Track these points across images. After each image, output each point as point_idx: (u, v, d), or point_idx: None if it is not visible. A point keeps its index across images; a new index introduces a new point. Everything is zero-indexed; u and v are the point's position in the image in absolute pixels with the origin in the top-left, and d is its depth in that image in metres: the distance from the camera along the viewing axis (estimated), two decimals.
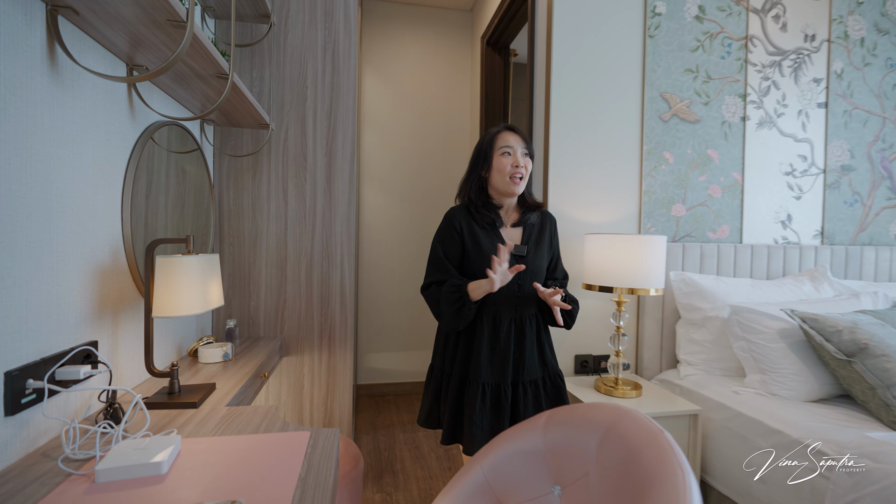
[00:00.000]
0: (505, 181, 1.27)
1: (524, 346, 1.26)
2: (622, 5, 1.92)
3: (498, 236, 1.30)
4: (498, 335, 1.25)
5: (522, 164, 1.27)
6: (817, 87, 2.13)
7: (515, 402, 1.24)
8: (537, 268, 1.29)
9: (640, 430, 0.61)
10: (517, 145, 1.28)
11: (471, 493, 0.85)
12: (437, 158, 3.25)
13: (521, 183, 1.28)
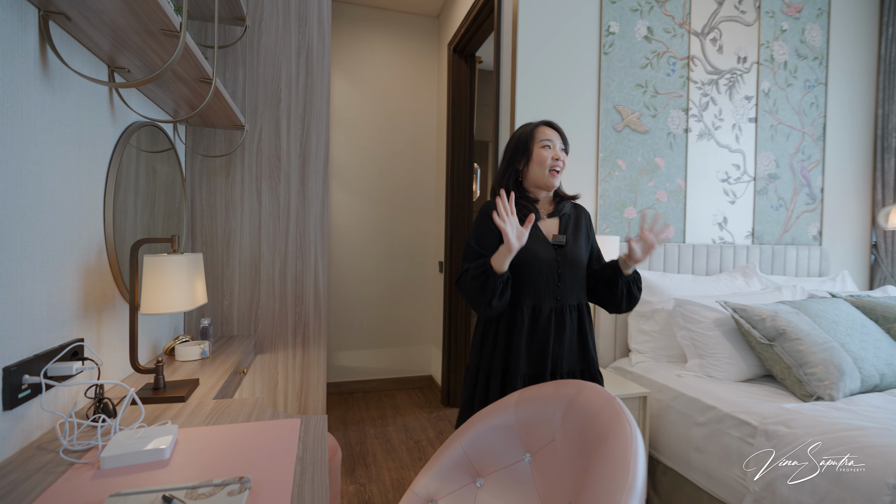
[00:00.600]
0: (544, 174, 1.26)
1: (563, 337, 1.23)
2: (581, 24, 2.08)
3: (535, 227, 1.28)
4: (537, 325, 1.21)
5: (561, 157, 1.27)
6: (748, 104, 2.39)
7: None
8: (577, 257, 1.27)
9: (598, 397, 0.73)
10: (556, 139, 1.28)
11: (451, 466, 0.95)
12: (404, 159, 3.33)
13: (558, 176, 1.28)
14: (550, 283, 1.22)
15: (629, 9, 2.13)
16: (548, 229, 1.29)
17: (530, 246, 1.21)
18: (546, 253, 1.23)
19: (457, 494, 0.92)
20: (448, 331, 3.02)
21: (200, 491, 0.69)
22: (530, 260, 1.21)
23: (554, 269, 1.23)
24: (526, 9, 2.00)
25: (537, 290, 1.22)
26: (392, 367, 3.36)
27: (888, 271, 2.58)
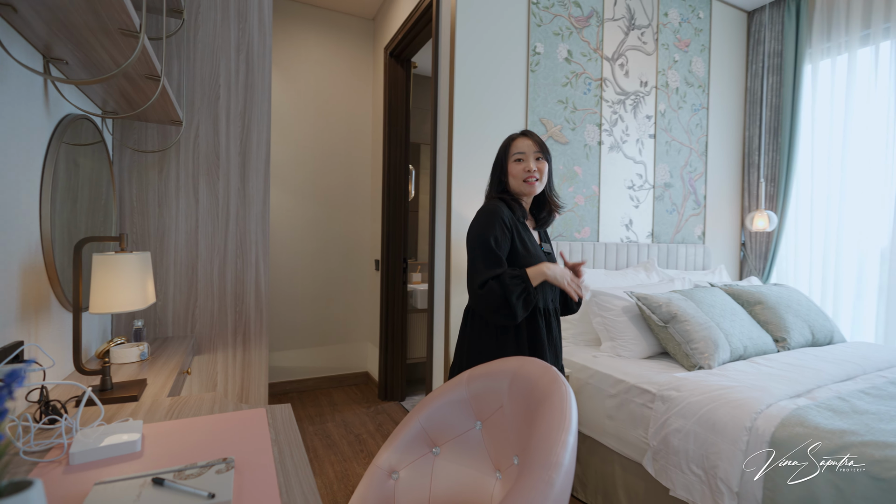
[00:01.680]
0: (520, 184, 1.36)
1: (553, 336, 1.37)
2: (512, 42, 2.28)
3: (529, 233, 1.39)
4: (550, 327, 1.34)
5: (535, 168, 1.34)
6: (649, 122, 2.77)
7: None
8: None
9: (538, 367, 0.90)
10: (529, 150, 1.35)
11: (410, 440, 1.07)
12: (339, 158, 3.35)
13: (536, 183, 1.36)
14: (549, 288, 1.34)
15: (552, 32, 2.39)
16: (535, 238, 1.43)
17: (539, 253, 1.33)
18: (543, 260, 1.34)
19: (416, 464, 1.04)
20: (385, 328, 3.11)
21: (188, 472, 0.74)
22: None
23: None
24: (463, 24, 2.16)
25: (545, 294, 1.32)
26: (327, 366, 3.36)
27: (752, 265, 3.14)
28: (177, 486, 0.70)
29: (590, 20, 2.51)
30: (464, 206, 2.20)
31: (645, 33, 2.72)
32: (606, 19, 2.57)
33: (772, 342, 2.00)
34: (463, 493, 1.00)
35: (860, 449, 1.10)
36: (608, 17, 2.57)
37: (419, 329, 3.45)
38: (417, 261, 3.77)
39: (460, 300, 2.21)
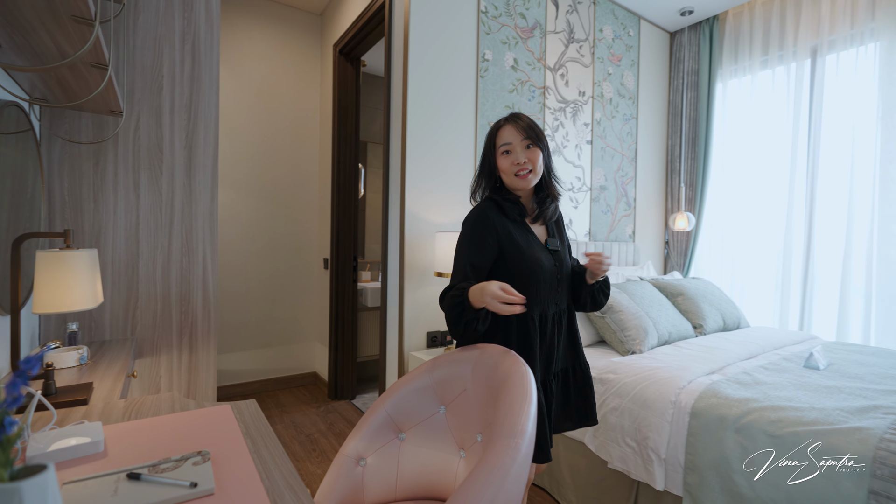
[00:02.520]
0: (513, 180, 1.18)
1: (562, 339, 1.25)
2: (462, 48, 2.37)
3: (528, 230, 1.22)
4: (545, 332, 1.19)
5: (524, 159, 1.16)
6: (586, 129, 2.99)
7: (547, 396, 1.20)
8: (567, 262, 1.26)
9: (499, 352, 0.98)
10: (516, 139, 1.17)
11: (377, 428, 1.12)
12: (286, 155, 3.27)
13: (530, 176, 1.18)
14: (553, 290, 1.20)
15: (500, 41, 2.51)
16: (539, 234, 1.25)
17: (535, 253, 1.17)
18: (547, 260, 1.19)
19: (383, 450, 1.09)
20: (335, 326, 3.09)
21: (163, 466, 0.74)
22: (535, 268, 1.15)
23: (554, 275, 1.20)
24: (416, 28, 2.22)
25: (544, 297, 1.18)
26: (274, 367, 3.28)
27: (675, 261, 3.48)
28: (155, 479, 0.70)
29: (534, 31, 2.67)
30: (417, 206, 2.26)
31: (583, 47, 2.94)
32: (549, 31, 2.74)
33: (691, 328, 2.26)
34: (429, 473, 1.06)
35: (760, 413, 1.30)
36: (550, 29, 2.75)
37: (369, 327, 3.46)
38: (366, 259, 3.78)
39: (413, 297, 2.27)
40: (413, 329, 2.27)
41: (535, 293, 1.16)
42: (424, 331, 2.31)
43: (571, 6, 2.85)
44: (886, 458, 1.07)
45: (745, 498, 1.26)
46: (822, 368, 1.74)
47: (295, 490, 0.71)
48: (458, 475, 1.02)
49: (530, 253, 1.17)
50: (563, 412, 1.26)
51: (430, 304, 2.31)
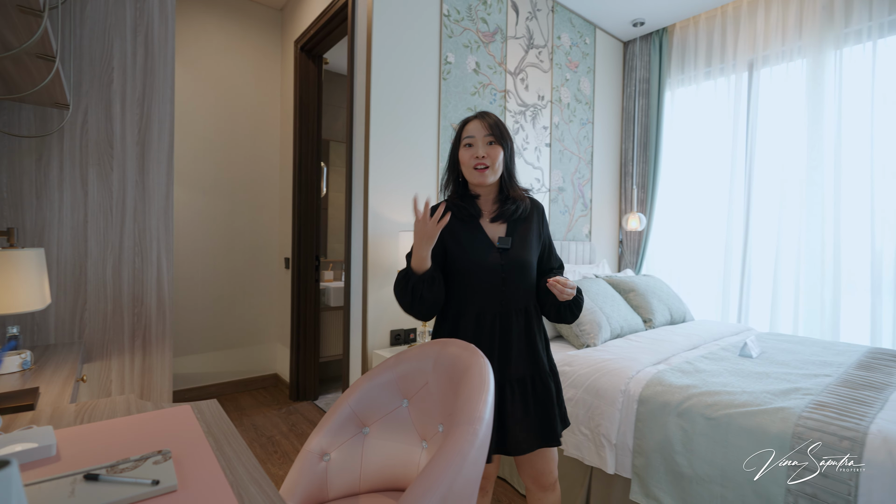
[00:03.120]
0: (470, 172, 1.18)
1: (510, 342, 1.18)
2: (425, 50, 2.41)
3: (478, 228, 1.21)
4: (481, 331, 1.17)
5: (483, 153, 1.16)
6: (545, 132, 3.10)
7: (503, 401, 1.16)
8: (523, 261, 1.20)
9: (459, 346, 1.03)
10: (479, 133, 1.18)
11: (340, 423, 1.14)
12: (244, 152, 3.19)
13: (486, 172, 1.17)
14: (494, 289, 1.17)
15: (462, 45, 2.57)
16: (493, 232, 1.22)
17: (476, 253, 1.17)
18: (489, 257, 1.17)
19: (347, 444, 1.11)
20: (297, 327, 3.05)
21: (122, 466, 0.74)
22: (472, 267, 1.16)
23: (498, 273, 1.17)
24: (380, 30, 2.23)
25: (481, 296, 1.17)
26: (232, 370, 3.19)
27: (628, 259, 3.67)
28: (114, 478, 0.70)
29: (495, 36, 2.74)
30: (380, 206, 2.28)
31: (542, 53, 3.04)
32: (509, 37, 2.82)
33: (641, 322, 2.40)
34: (392, 465, 1.10)
35: (698, 398, 1.42)
36: (511, 35, 2.83)
37: (332, 327, 3.44)
38: (328, 259, 3.74)
39: (377, 296, 2.28)
40: (377, 328, 2.28)
41: (472, 293, 1.18)
42: (388, 329, 2.33)
43: (531, 13, 2.95)
44: (803, 434, 1.20)
45: (685, 476, 1.37)
46: (755, 356, 1.91)
47: (260, 484, 0.72)
48: (420, 465, 1.06)
49: (470, 252, 1.17)
50: (523, 425, 1.16)
51: (393, 302, 2.34)
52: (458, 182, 1.26)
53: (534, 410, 1.18)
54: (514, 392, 1.17)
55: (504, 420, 1.15)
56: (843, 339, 2.66)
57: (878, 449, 1.10)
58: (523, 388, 1.19)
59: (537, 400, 1.19)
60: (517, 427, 1.16)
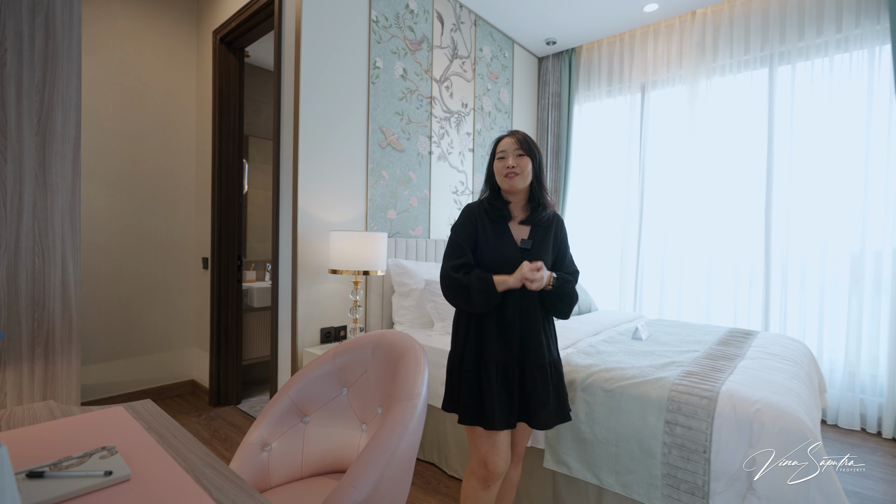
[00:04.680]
0: (502, 179, 1.39)
1: (529, 331, 1.34)
2: (354, 54, 2.46)
3: (506, 230, 1.39)
4: (504, 320, 1.32)
5: (513, 163, 1.36)
6: (469, 138, 3.29)
7: (524, 384, 1.33)
8: (542, 261, 1.33)
9: (396, 334, 1.14)
10: (510, 148, 1.38)
11: (280, 414, 1.19)
12: (155, 145, 2.99)
13: (516, 178, 1.36)
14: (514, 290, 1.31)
15: (390, 51, 2.66)
16: (518, 234, 1.40)
17: (501, 248, 1.35)
18: (512, 255, 1.35)
19: (288, 434, 1.17)
20: (217, 330, 2.93)
21: (66, 464, 0.74)
22: (497, 262, 1.33)
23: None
24: (309, 33, 2.25)
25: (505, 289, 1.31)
26: (143, 378, 2.97)
27: None
28: (61, 474, 0.70)
29: (421, 45, 2.87)
30: (310, 205, 2.30)
31: (465, 63, 3.23)
32: (435, 46, 2.97)
33: None
34: (333, 449, 1.18)
35: (598, 374, 1.67)
36: (437, 44, 2.98)
37: (255, 329, 3.34)
38: (248, 258, 3.61)
39: (307, 295, 2.30)
40: (307, 326, 2.30)
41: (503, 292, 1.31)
42: (318, 327, 2.35)
43: (455, 25, 3.12)
44: (675, 397, 1.48)
45: (587, 441, 1.61)
46: (644, 339, 2.24)
47: (215, 467, 0.77)
48: (360, 446, 1.15)
49: (496, 247, 1.35)
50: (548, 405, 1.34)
51: (324, 300, 2.37)
52: (494, 189, 1.46)
53: (554, 392, 1.37)
54: (537, 376, 1.33)
55: (527, 399, 1.32)
56: (714, 322, 3.18)
57: (725, 403, 1.40)
58: (544, 373, 1.35)
59: (555, 383, 1.38)
60: (543, 408, 1.32)
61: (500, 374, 1.30)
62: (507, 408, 1.30)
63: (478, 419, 1.29)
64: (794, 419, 1.30)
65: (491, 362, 1.30)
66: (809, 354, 2.16)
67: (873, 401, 2.65)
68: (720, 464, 1.35)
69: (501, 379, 1.30)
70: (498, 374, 1.30)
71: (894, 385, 2.56)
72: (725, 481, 1.34)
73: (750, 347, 2.05)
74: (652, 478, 1.45)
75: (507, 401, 1.30)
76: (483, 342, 1.33)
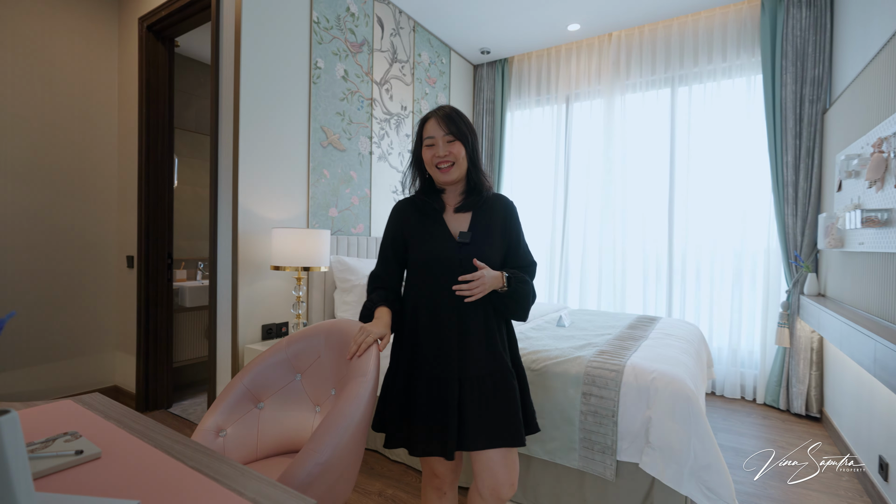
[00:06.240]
0: (434, 171, 1.21)
1: (467, 338, 1.15)
2: (296, 53, 2.49)
3: (439, 222, 1.21)
4: (439, 325, 1.15)
5: (444, 153, 1.18)
6: (408, 140, 3.42)
7: (462, 400, 1.14)
8: (485, 256, 1.17)
9: (348, 322, 1.24)
10: (438, 133, 1.18)
11: (235, 401, 1.24)
12: (70, 135, 2.78)
13: (450, 170, 1.19)
14: (451, 283, 1.14)
15: (331, 52, 2.71)
16: (456, 225, 1.22)
17: (433, 246, 1.17)
18: (447, 252, 1.17)
19: (242, 420, 1.23)
20: (145, 332, 2.80)
21: (30, 448, 0.76)
22: (429, 261, 1.17)
23: (455, 268, 1.15)
24: (249, 32, 2.24)
25: (438, 289, 1.16)
26: (59, 386, 2.76)
27: None
28: (28, 456, 0.73)
29: (362, 47, 2.94)
30: (251, 203, 2.30)
31: (404, 67, 3.35)
32: (376, 49, 3.06)
33: None
34: (287, 431, 1.26)
35: (527, 356, 1.88)
36: (377, 48, 3.07)
37: (187, 329, 3.22)
38: (177, 257, 3.46)
39: (248, 292, 2.30)
40: (247, 324, 2.30)
41: (429, 286, 1.17)
42: (260, 324, 2.36)
43: (395, 30, 3.23)
44: (590, 371, 1.72)
45: None
46: (567, 326, 2.51)
47: (184, 443, 0.84)
48: (314, 426, 1.25)
49: (428, 245, 1.18)
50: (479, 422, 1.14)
51: (265, 297, 2.38)
52: (424, 178, 1.28)
53: (493, 408, 1.14)
54: (473, 389, 1.14)
55: (463, 416, 1.12)
56: (627, 310, 3.58)
57: (629, 374, 1.67)
58: (482, 385, 1.15)
59: (498, 398, 1.15)
60: (474, 424, 1.13)
61: (431, 392, 1.12)
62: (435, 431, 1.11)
63: (404, 441, 1.15)
64: (681, 384, 1.58)
65: (421, 378, 1.14)
66: (700, 335, 2.55)
67: (750, 373, 3.16)
68: (625, 425, 1.61)
69: (437, 396, 1.12)
70: (430, 392, 1.12)
71: (765, 360, 3.07)
72: (629, 439, 1.60)
73: (653, 330, 2.39)
74: (571, 442, 1.68)
75: (442, 422, 1.10)
76: (415, 356, 1.17)
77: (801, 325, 2.83)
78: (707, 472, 1.46)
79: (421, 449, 1.11)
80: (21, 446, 0.51)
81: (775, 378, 2.97)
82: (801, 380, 2.83)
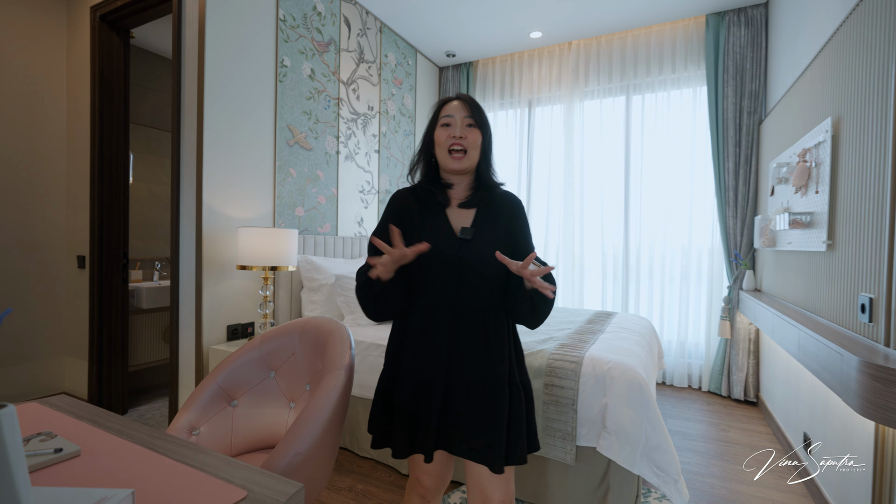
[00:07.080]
0: (444, 155, 1.11)
1: (459, 341, 1.07)
2: (262, 51, 2.46)
3: (441, 216, 1.12)
4: (431, 325, 1.07)
5: (461, 134, 1.10)
6: (374, 140, 3.44)
7: (448, 406, 1.06)
8: (484, 254, 1.08)
9: (322, 319, 1.27)
10: (458, 114, 1.11)
11: (208, 399, 1.25)
12: (16, 129, 2.62)
13: (462, 157, 1.11)
14: (448, 282, 1.07)
15: (298, 51, 2.70)
16: (459, 220, 1.13)
17: (430, 239, 1.06)
18: (447, 248, 1.08)
19: (216, 418, 1.24)
20: (98, 335, 2.68)
21: None
22: (427, 255, 1.05)
23: (455, 266, 1.08)
24: (213, 26, 2.20)
25: (434, 288, 1.08)
26: (1, 394, 2.60)
27: None
28: None
29: (329, 47, 2.94)
30: (216, 202, 2.26)
31: (371, 68, 3.37)
32: (343, 49, 3.06)
33: None
34: (262, 429, 1.27)
35: None
36: (344, 48, 3.07)
37: (143, 332, 3.10)
38: (131, 257, 3.32)
39: (213, 292, 2.26)
40: (212, 324, 2.26)
41: (426, 284, 1.09)
42: (224, 325, 2.33)
43: (361, 30, 3.24)
44: (552, 363, 1.82)
45: None
46: None
47: (165, 438, 0.85)
48: (289, 422, 1.27)
49: (429, 238, 1.07)
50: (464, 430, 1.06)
51: (230, 297, 2.35)
52: (431, 164, 1.18)
53: (482, 421, 1.05)
54: (462, 396, 1.06)
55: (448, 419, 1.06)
56: (585, 306, 3.76)
57: (588, 365, 1.78)
58: (472, 393, 1.06)
59: (490, 413, 1.05)
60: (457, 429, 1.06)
61: (416, 394, 1.06)
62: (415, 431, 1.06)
63: (388, 441, 1.09)
64: (634, 373, 1.71)
65: (406, 380, 1.07)
66: (651, 328, 2.73)
67: (696, 363, 3.40)
68: (584, 412, 1.72)
69: (418, 398, 1.06)
70: (415, 394, 1.06)
71: (710, 351, 3.32)
72: (588, 425, 1.71)
73: (609, 324, 2.54)
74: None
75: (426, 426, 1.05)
76: (402, 356, 1.10)
77: (741, 318, 3.09)
78: (657, 453, 1.60)
79: (398, 449, 1.06)
80: (18, 439, 0.53)
81: (718, 367, 3.22)
82: (741, 368, 3.08)
